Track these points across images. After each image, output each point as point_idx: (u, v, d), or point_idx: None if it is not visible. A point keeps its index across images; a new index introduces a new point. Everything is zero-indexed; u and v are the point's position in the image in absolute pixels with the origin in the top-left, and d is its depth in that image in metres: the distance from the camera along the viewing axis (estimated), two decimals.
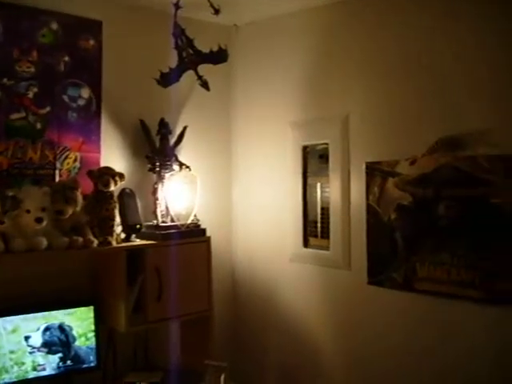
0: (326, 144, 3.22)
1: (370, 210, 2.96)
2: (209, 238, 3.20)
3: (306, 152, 3.36)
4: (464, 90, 2.58)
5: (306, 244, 3.36)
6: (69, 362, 2.83)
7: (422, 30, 2.74)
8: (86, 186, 2.84)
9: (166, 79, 2.79)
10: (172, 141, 3.28)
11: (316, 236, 3.31)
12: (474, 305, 2.53)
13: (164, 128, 3.23)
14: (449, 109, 2.63)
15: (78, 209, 2.71)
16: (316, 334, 3.28)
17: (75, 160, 2.99)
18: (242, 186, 3.75)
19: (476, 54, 2.53)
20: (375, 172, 2.92)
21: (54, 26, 2.91)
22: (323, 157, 3.25)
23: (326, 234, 3.24)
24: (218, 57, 2.66)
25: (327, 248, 3.21)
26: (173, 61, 2.76)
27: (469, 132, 2.54)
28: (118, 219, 2.87)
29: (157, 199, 3.12)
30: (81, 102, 3.03)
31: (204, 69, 2.75)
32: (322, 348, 3.24)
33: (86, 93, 3.04)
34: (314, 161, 3.33)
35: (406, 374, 2.81)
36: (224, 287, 3.68)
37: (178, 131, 3.33)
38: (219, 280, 3.45)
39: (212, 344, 3.19)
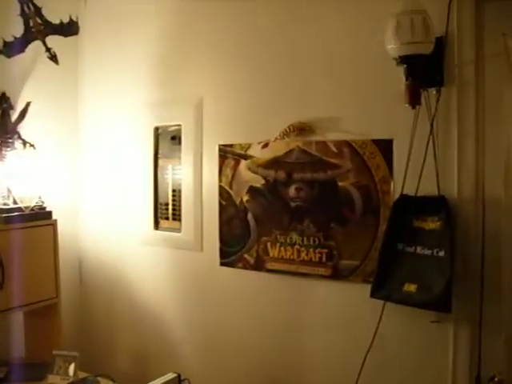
0: (179, 126, 3.20)
1: (222, 192, 2.99)
2: (55, 221, 3.06)
3: (158, 133, 3.31)
4: (315, 78, 2.68)
5: (156, 226, 3.32)
6: None
7: (275, 16, 2.80)
8: None
9: (10, 49, 2.60)
10: (14, 117, 3.06)
11: (167, 218, 3.29)
12: (322, 281, 2.67)
13: (5, 103, 3.02)
14: (301, 95, 2.72)
15: None
16: (169, 317, 3.27)
17: None
18: (90, 166, 3.61)
19: (331, 42, 2.63)
20: (228, 155, 2.96)
21: None
22: (175, 138, 3.23)
23: (177, 216, 3.23)
24: (69, 29, 2.55)
25: (179, 230, 3.21)
26: (18, 29, 2.56)
27: (319, 118, 2.65)
28: None
29: None
30: None
31: (51, 41, 2.59)
32: (174, 331, 3.24)
33: None
34: (165, 142, 3.30)
35: (262, 352, 2.90)
36: (71, 273, 3.55)
37: (20, 107, 3.11)
38: (66, 266, 3.30)
39: (60, 333, 3.07)
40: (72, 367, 2.83)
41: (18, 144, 3.01)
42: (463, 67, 2.28)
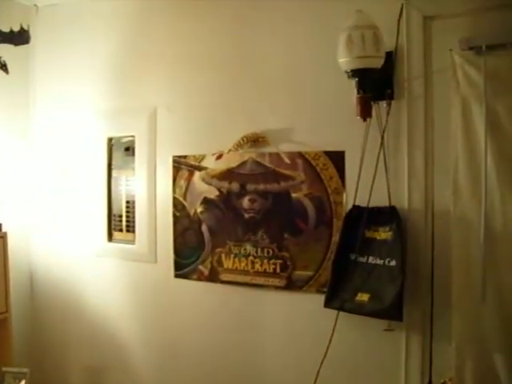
0: (133, 136, 3.15)
1: (176, 204, 2.96)
2: (5, 233, 2.96)
3: (112, 144, 3.26)
4: (269, 90, 2.69)
5: (110, 238, 3.26)
6: None
7: (232, 28, 2.80)
8: None
9: None
10: None
11: (121, 230, 3.23)
12: (276, 292, 2.67)
13: None
14: (255, 107, 2.72)
15: None
16: (123, 330, 3.20)
17: None
18: (42, 177, 3.51)
19: (285, 55, 2.64)
20: (182, 166, 2.93)
21: None
22: (129, 149, 3.18)
23: (131, 227, 3.18)
24: (20, 38, 2.47)
25: (133, 242, 3.16)
26: None
27: (273, 130, 2.65)
28: None
29: None
30: None
31: (1, 49, 2.52)
32: (129, 344, 3.18)
33: None
34: (119, 153, 3.24)
35: (218, 362, 2.87)
36: (22, 287, 3.43)
37: None
38: (16, 279, 3.19)
39: (10, 349, 2.96)
40: None
41: None
42: (412, 81, 2.32)
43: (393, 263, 2.30)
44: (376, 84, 2.27)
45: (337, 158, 2.51)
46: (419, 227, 2.33)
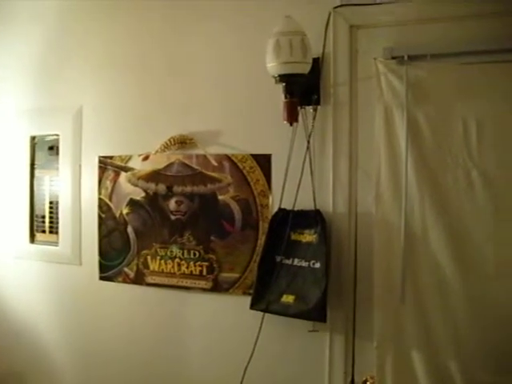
0: (57, 135, 3.01)
1: (101, 205, 2.85)
2: None
3: (35, 143, 3.11)
4: (198, 92, 2.63)
5: (32, 240, 3.11)
6: None
7: (160, 29, 2.72)
8: None
9: None
10: None
11: (44, 231, 3.09)
12: (203, 294, 2.62)
13: None
14: (183, 108, 2.66)
15: None
16: (46, 334, 3.05)
17: None
18: None
19: (214, 57, 2.59)
20: (108, 166, 2.83)
21: None
22: (53, 149, 3.04)
23: (55, 229, 3.04)
24: None
25: (56, 243, 3.02)
26: None
27: (200, 132, 2.59)
28: None
29: None
30: None
31: None
32: (52, 348, 3.04)
33: None
34: (43, 152, 3.09)
35: (143, 366, 2.79)
36: None
37: None
38: None
39: None
40: None
41: None
42: (338, 88, 2.32)
43: (317, 265, 2.30)
44: (303, 89, 2.26)
45: (263, 162, 2.49)
46: (343, 230, 2.34)
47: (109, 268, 2.83)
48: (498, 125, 2.11)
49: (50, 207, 3.07)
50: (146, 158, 2.71)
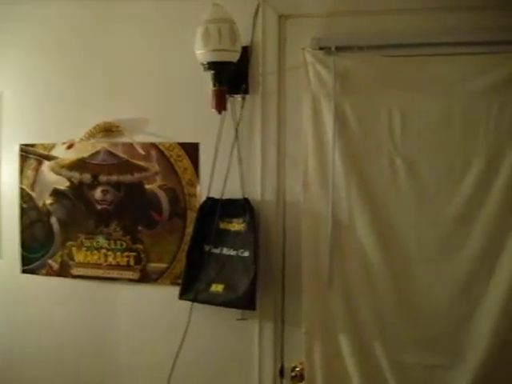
0: None
1: (23, 195, 2.71)
2: None
3: None
4: (125, 79, 2.54)
5: None
6: None
7: (86, 11, 2.59)
8: None
9: None
10: None
11: None
12: (131, 285, 2.55)
13: None
14: (108, 94, 2.55)
15: None
16: None
17: None
18: None
19: (141, 42, 2.50)
20: (30, 155, 2.69)
21: None
22: None
23: None
24: None
25: None
26: None
27: (126, 119, 2.51)
28: None
29: None
30: None
31: None
32: None
33: None
34: None
35: (72, 359, 2.69)
36: None
37: None
38: None
39: None
40: None
41: None
42: (267, 77, 2.30)
43: (246, 254, 2.28)
44: (232, 78, 2.22)
45: (191, 150, 2.44)
46: (271, 218, 2.34)
47: (32, 260, 2.70)
48: (420, 115, 2.16)
49: None
50: (71, 146, 2.60)
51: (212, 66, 2.15)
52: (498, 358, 2.11)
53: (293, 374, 2.29)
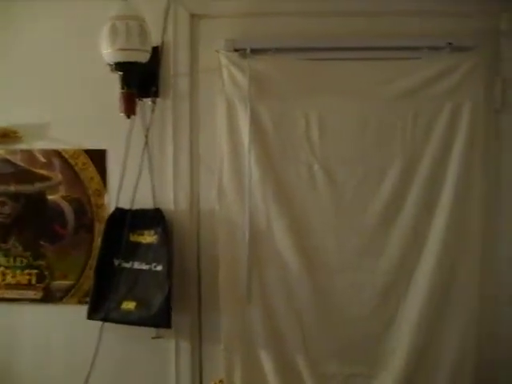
0: None
1: None
2: None
3: None
4: (23, 81, 2.27)
5: None
6: None
7: None
8: None
9: None
10: None
11: None
12: (33, 306, 2.31)
13: None
14: (4, 99, 2.29)
15: None
16: None
17: None
18: None
19: (42, 42, 2.25)
20: None
21: None
22: None
23: None
24: None
25: None
26: None
27: (25, 124, 2.27)
28: None
29: None
30: None
31: None
32: None
33: None
34: None
35: None
36: None
37: None
38: None
39: None
40: None
41: None
42: (179, 79, 2.17)
43: (159, 268, 2.12)
44: (141, 80, 2.06)
45: (98, 157, 2.26)
46: (186, 229, 2.20)
47: None
48: (337, 120, 2.11)
49: None
50: None
51: (120, 66, 1.98)
52: (417, 363, 2.10)
53: None
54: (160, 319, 2.06)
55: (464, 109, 2.04)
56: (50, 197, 2.28)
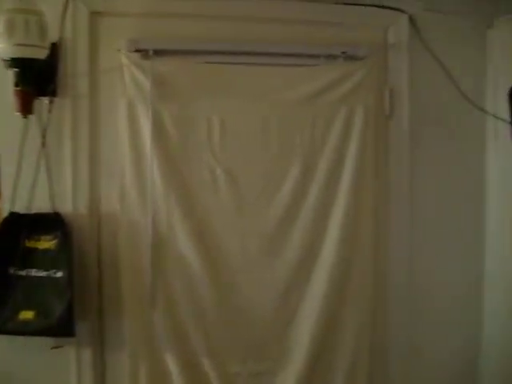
0: None
1: None
2: None
3: None
4: None
5: None
6: None
7: None
8: None
9: None
10: None
11: None
12: None
13: None
14: None
15: None
16: None
17: None
18: None
19: None
20: None
21: None
22: None
23: None
24: None
25: None
26: None
27: None
28: None
29: None
30: None
31: None
32: None
33: None
34: None
35: None
36: None
37: None
38: None
39: None
40: None
41: None
42: (77, 79, 2.06)
43: (59, 275, 1.99)
44: (39, 77, 1.94)
45: None
46: (86, 233, 2.09)
47: None
48: (239, 124, 2.13)
49: None
50: None
51: (16, 62, 1.85)
52: (316, 362, 2.17)
53: None
54: (63, 328, 1.94)
55: (357, 113, 2.14)
56: None
